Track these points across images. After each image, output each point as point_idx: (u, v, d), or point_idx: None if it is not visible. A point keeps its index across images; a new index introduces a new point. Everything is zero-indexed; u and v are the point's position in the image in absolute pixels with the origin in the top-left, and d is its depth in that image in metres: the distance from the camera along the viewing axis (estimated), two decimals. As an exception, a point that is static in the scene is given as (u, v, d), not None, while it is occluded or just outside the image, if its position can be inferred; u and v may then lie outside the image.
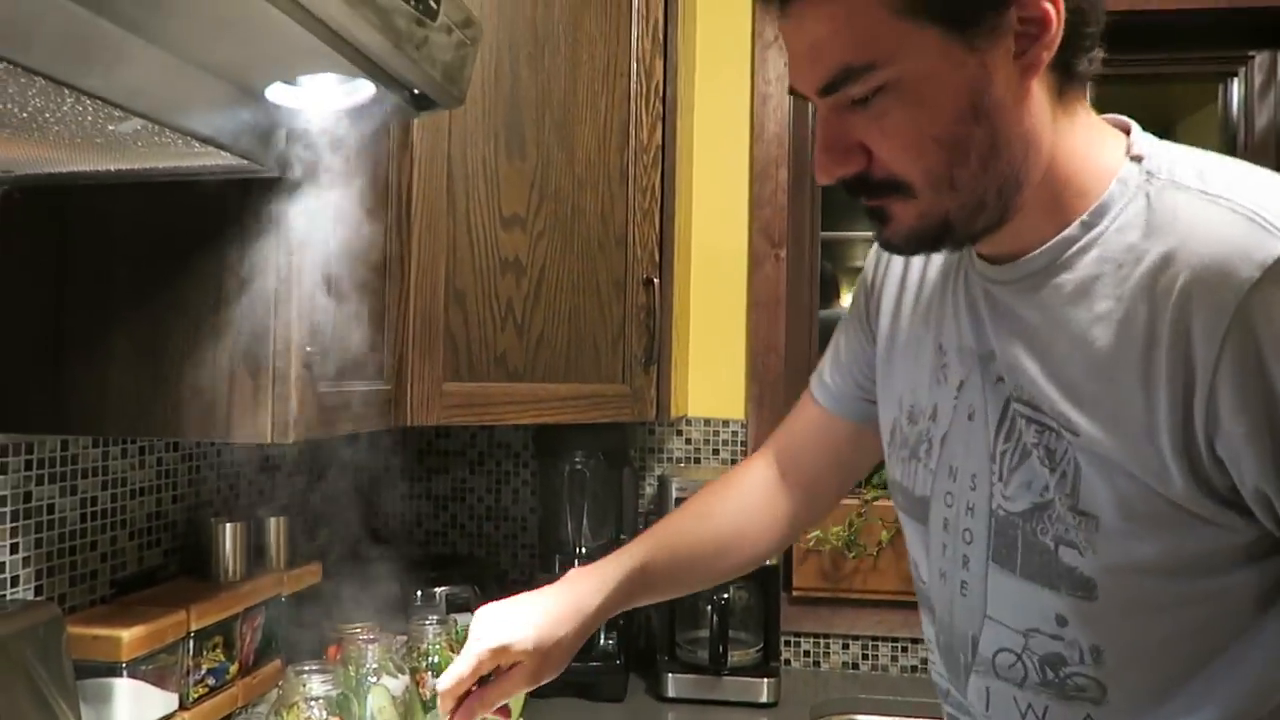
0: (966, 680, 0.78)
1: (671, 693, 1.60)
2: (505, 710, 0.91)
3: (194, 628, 1.14)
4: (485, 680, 0.88)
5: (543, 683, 0.89)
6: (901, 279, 0.88)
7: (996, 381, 0.74)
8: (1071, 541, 0.68)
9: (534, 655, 0.86)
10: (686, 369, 1.78)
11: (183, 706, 1.14)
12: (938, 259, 0.83)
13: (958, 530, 0.77)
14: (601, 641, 1.60)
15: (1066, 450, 0.68)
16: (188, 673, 1.15)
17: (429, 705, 1.34)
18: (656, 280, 1.50)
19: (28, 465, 1.04)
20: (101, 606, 1.15)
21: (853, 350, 0.96)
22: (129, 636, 1.04)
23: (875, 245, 0.92)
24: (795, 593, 1.77)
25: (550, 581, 1.63)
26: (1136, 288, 0.65)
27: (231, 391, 0.95)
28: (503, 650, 0.86)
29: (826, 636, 1.79)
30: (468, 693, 0.87)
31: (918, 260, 0.86)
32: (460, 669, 0.86)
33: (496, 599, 1.50)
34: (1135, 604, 0.68)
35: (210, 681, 1.19)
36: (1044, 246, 0.70)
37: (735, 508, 1.02)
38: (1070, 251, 0.69)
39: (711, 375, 1.83)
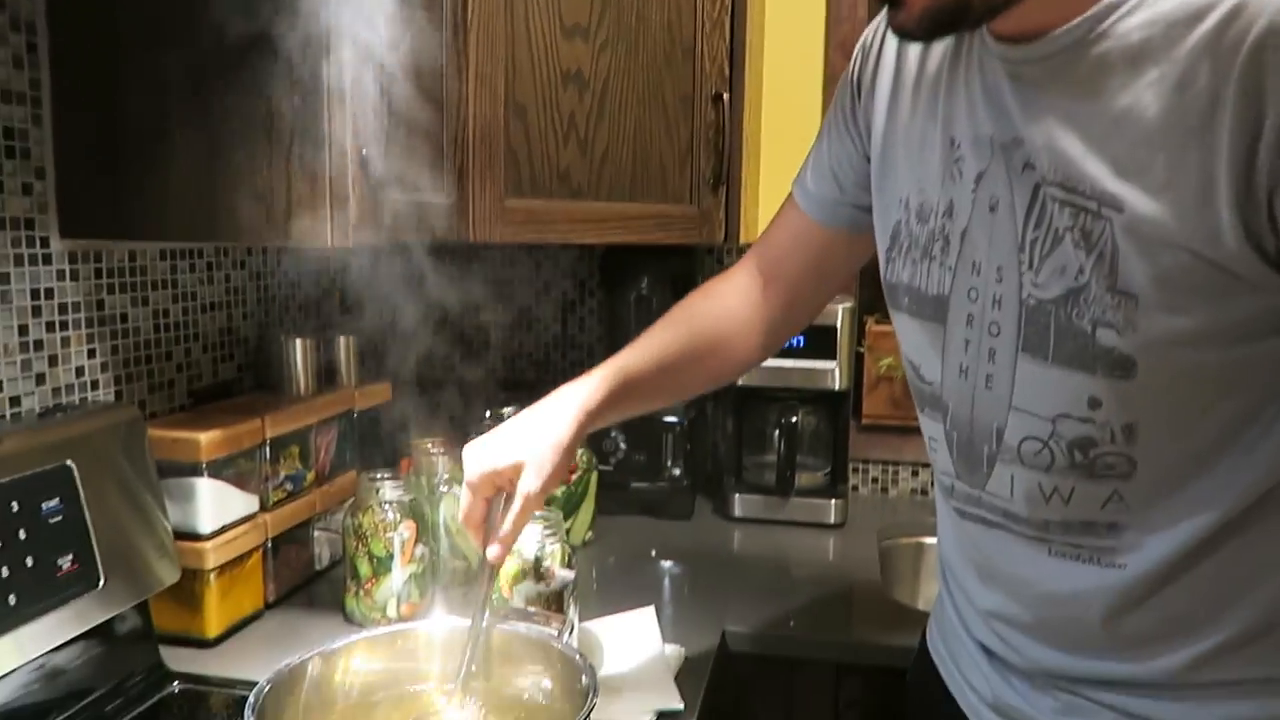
0: (989, 471, 0.78)
1: (739, 512, 1.61)
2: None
3: (269, 435, 1.17)
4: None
5: (551, 491, 0.87)
6: (895, 75, 0.83)
7: (1024, 169, 0.70)
8: (1109, 322, 0.66)
9: (528, 471, 0.85)
10: (756, 192, 1.72)
11: (263, 508, 1.18)
12: (936, 51, 0.79)
13: (983, 325, 0.75)
14: (669, 464, 1.61)
15: (1105, 230, 0.65)
16: (266, 478, 1.19)
17: (500, 517, 1.37)
18: (726, 96, 1.42)
19: (97, 274, 1.06)
20: (181, 414, 1.18)
21: (837, 153, 0.93)
22: (206, 439, 1.07)
23: (861, 42, 0.90)
24: (865, 420, 1.75)
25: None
26: (1197, 46, 0.61)
27: (290, 193, 0.93)
28: (493, 474, 0.86)
29: (896, 464, 1.78)
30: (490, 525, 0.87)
31: (913, 53, 0.81)
32: (463, 504, 0.87)
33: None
34: (1174, 377, 0.67)
35: (288, 487, 1.23)
36: (1080, 17, 0.65)
37: (715, 316, 1.02)
38: (1112, 19, 0.64)
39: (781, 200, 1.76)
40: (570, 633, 1.00)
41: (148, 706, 0.98)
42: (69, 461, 0.91)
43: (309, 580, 1.28)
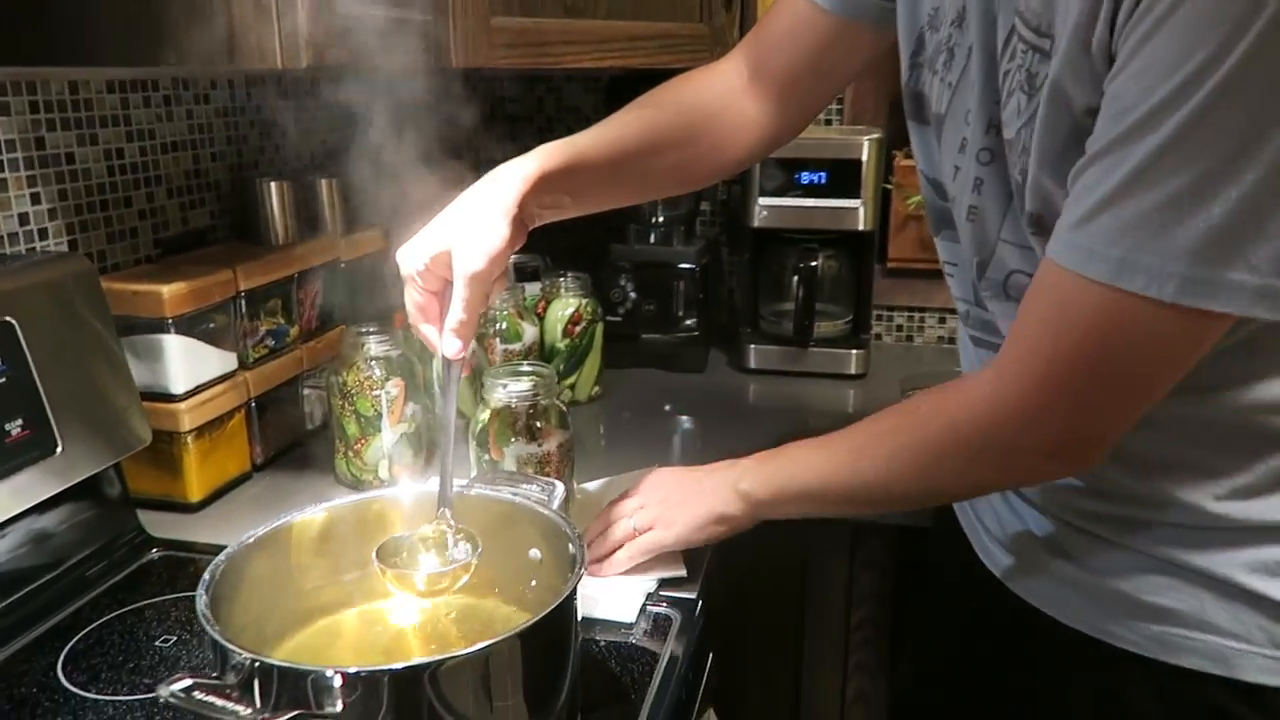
0: (993, 297, 0.74)
1: (754, 364, 1.53)
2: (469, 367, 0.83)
3: (243, 288, 1.08)
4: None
5: (498, 268, 0.76)
6: None
7: None
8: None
9: (464, 247, 0.74)
10: (776, 12, 1.55)
11: (243, 366, 1.10)
12: None
13: (973, 151, 0.70)
14: (681, 314, 1.52)
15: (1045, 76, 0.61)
16: (244, 334, 1.10)
17: (499, 372, 1.29)
18: (741, -107, 1.25)
19: (33, 107, 0.94)
20: (146, 265, 1.09)
21: None
22: (170, 292, 0.98)
23: None
24: (890, 264, 1.63)
25: (623, 247, 1.54)
26: None
27: (230, 7, 0.81)
28: (429, 264, 0.75)
29: (922, 310, 1.67)
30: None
31: None
32: (406, 303, 0.78)
33: (568, 270, 1.42)
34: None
35: (270, 343, 1.14)
36: None
37: (692, 104, 0.90)
38: None
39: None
40: (567, 497, 0.93)
41: (127, 573, 0.93)
42: (9, 318, 0.82)
43: (300, 441, 1.21)
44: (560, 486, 0.81)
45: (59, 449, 0.85)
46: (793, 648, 1.18)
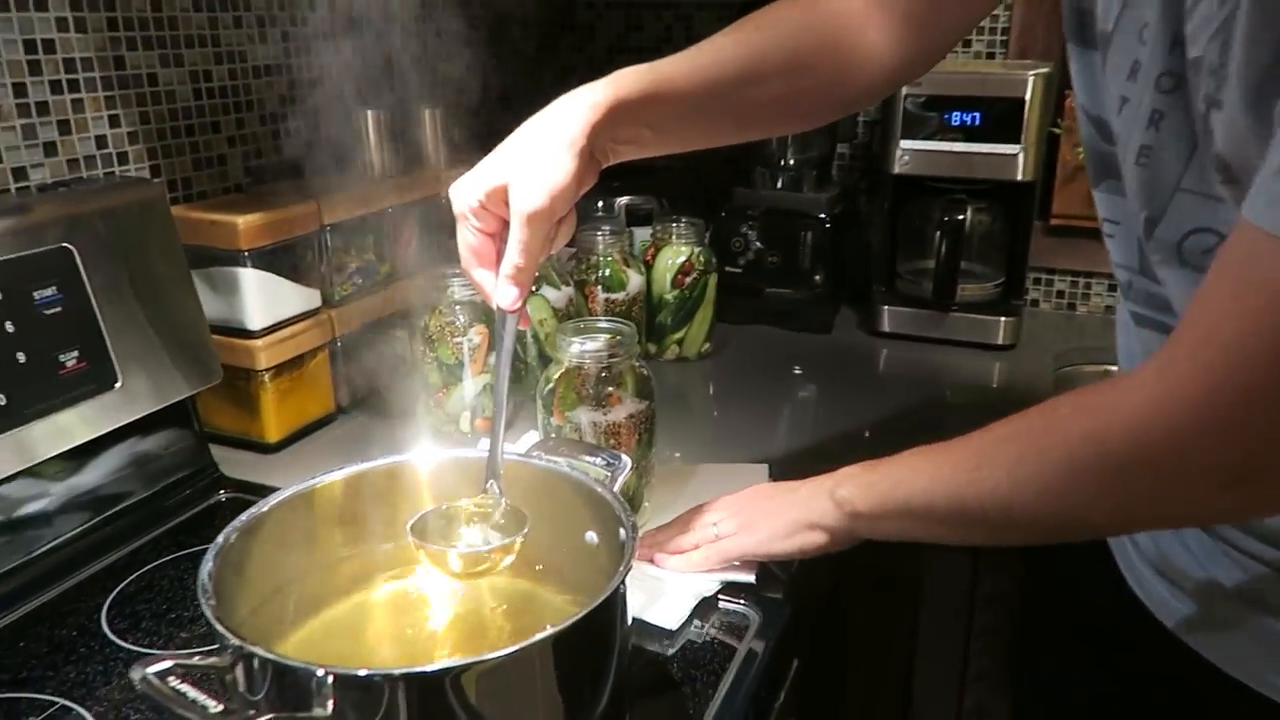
0: (1162, 263, 0.59)
1: (887, 327, 1.38)
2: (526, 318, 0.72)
3: (328, 221, 1.03)
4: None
5: (561, 208, 0.65)
6: None
7: None
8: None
9: (521, 183, 0.63)
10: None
11: (328, 304, 1.05)
12: None
13: (1149, 77, 0.55)
14: (809, 267, 1.38)
15: None
16: (331, 270, 1.05)
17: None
18: None
19: (111, 24, 0.90)
20: (235, 194, 1.05)
21: None
22: (245, 223, 0.93)
23: None
24: (1054, 221, 1.44)
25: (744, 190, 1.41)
26: None
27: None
28: (484, 201, 0.65)
29: (1089, 275, 1.47)
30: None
31: None
32: (459, 240, 0.68)
33: (682, 215, 1.31)
34: None
35: (358, 281, 1.09)
36: None
37: (802, 27, 0.74)
38: None
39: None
40: (641, 476, 0.83)
41: (192, 515, 0.90)
42: (68, 244, 0.79)
43: (390, 385, 1.16)
44: (627, 461, 0.72)
45: (119, 383, 0.82)
46: (903, 653, 1.05)
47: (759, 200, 1.39)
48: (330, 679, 0.48)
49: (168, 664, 0.51)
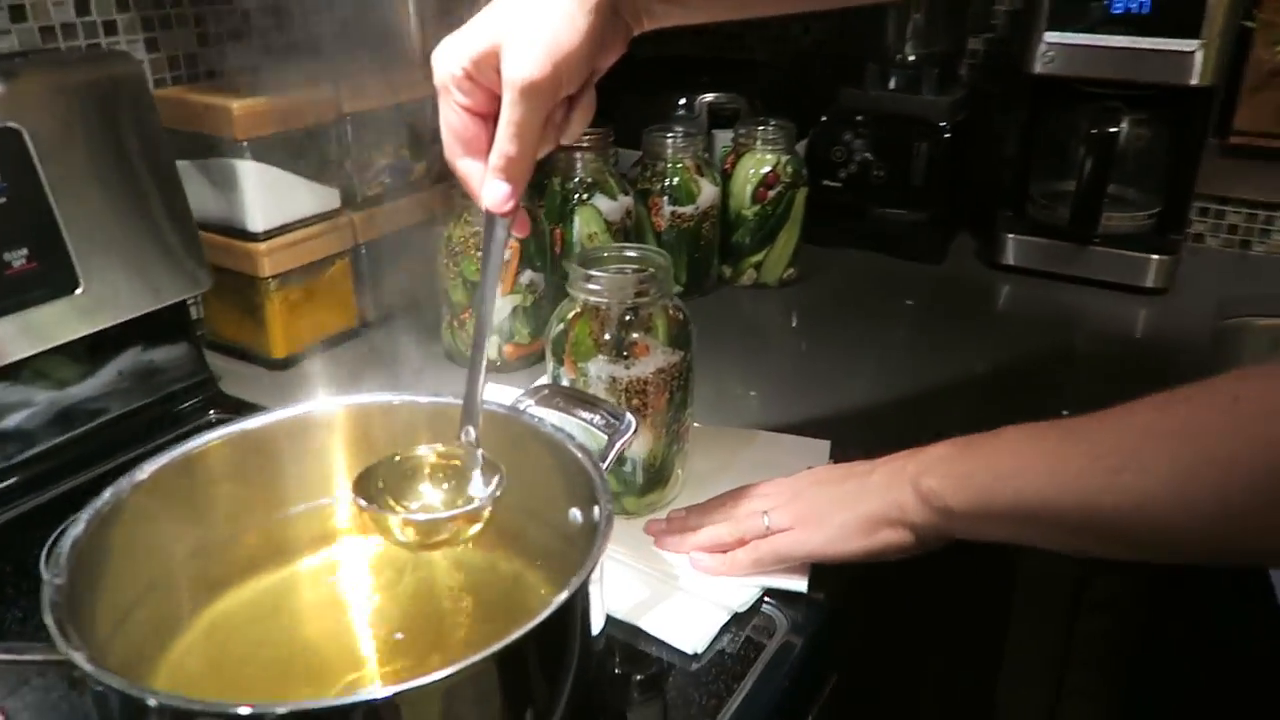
0: None
1: (1011, 259, 1.17)
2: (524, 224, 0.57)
3: (349, 110, 0.90)
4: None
5: (572, 83, 0.51)
6: None
7: None
8: None
9: (515, 45, 0.48)
10: None
11: (349, 205, 0.93)
12: None
13: None
14: (921, 184, 1.18)
15: None
16: (355, 168, 0.93)
17: (665, 236, 1.04)
18: None
19: None
20: (246, 76, 0.92)
21: None
22: (242, 109, 0.81)
23: None
24: (1234, 139, 1.17)
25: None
26: None
27: None
28: (470, 69, 0.50)
29: (1272, 208, 1.21)
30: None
31: None
32: (441, 120, 0.53)
33: (776, 117, 1.12)
34: None
35: (386, 180, 0.96)
36: None
37: None
38: None
39: None
40: (673, 443, 0.69)
41: (173, 437, 0.80)
42: (16, 124, 0.68)
43: (424, 300, 1.04)
44: (631, 423, 0.57)
45: (79, 288, 0.72)
46: (982, 659, 0.89)
47: (867, 102, 1.19)
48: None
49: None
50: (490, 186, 0.53)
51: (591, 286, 0.66)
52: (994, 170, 1.28)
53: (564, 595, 0.43)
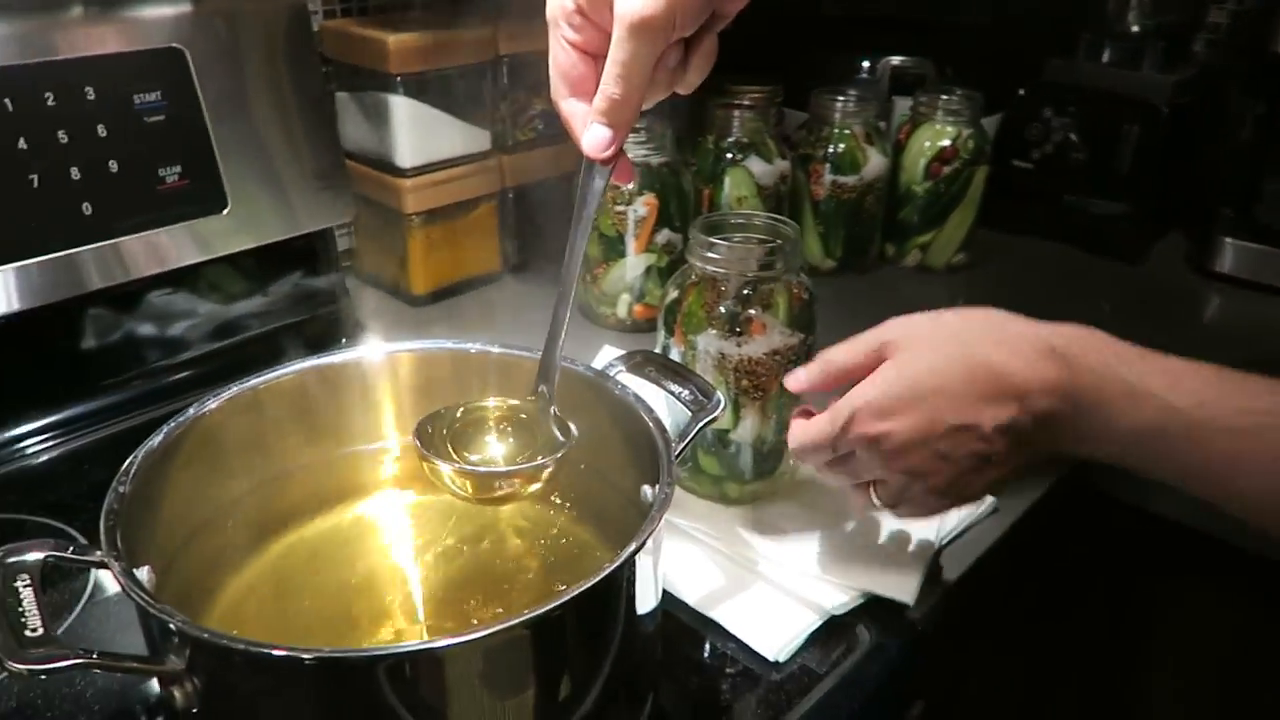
0: None
1: (1227, 267, 1.02)
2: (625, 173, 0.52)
3: (506, 51, 0.89)
4: None
5: (697, 13, 0.46)
6: None
7: None
8: None
9: None
10: None
11: (499, 148, 0.92)
12: None
13: None
14: (1127, 172, 1.05)
15: None
16: (509, 110, 0.92)
17: (823, 207, 0.98)
18: None
19: None
20: (413, 12, 0.93)
21: None
22: (396, 43, 0.81)
23: None
24: None
25: None
26: None
27: None
28: (585, 1, 0.46)
29: None
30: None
31: None
32: (550, 58, 0.49)
33: (961, 87, 1.02)
34: None
35: (539, 126, 0.95)
36: None
37: None
38: None
39: None
40: (782, 432, 0.64)
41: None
42: (178, 44, 0.71)
43: (564, 250, 1.03)
44: (719, 401, 0.53)
45: (227, 208, 0.75)
46: (1117, 694, 0.79)
47: (1075, 76, 1.06)
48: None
49: (38, 555, 0.42)
50: (591, 130, 0.49)
51: (710, 255, 0.62)
52: (1220, 163, 1.13)
53: (604, 572, 0.40)
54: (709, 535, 0.62)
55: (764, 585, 0.59)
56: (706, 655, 0.54)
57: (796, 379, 0.55)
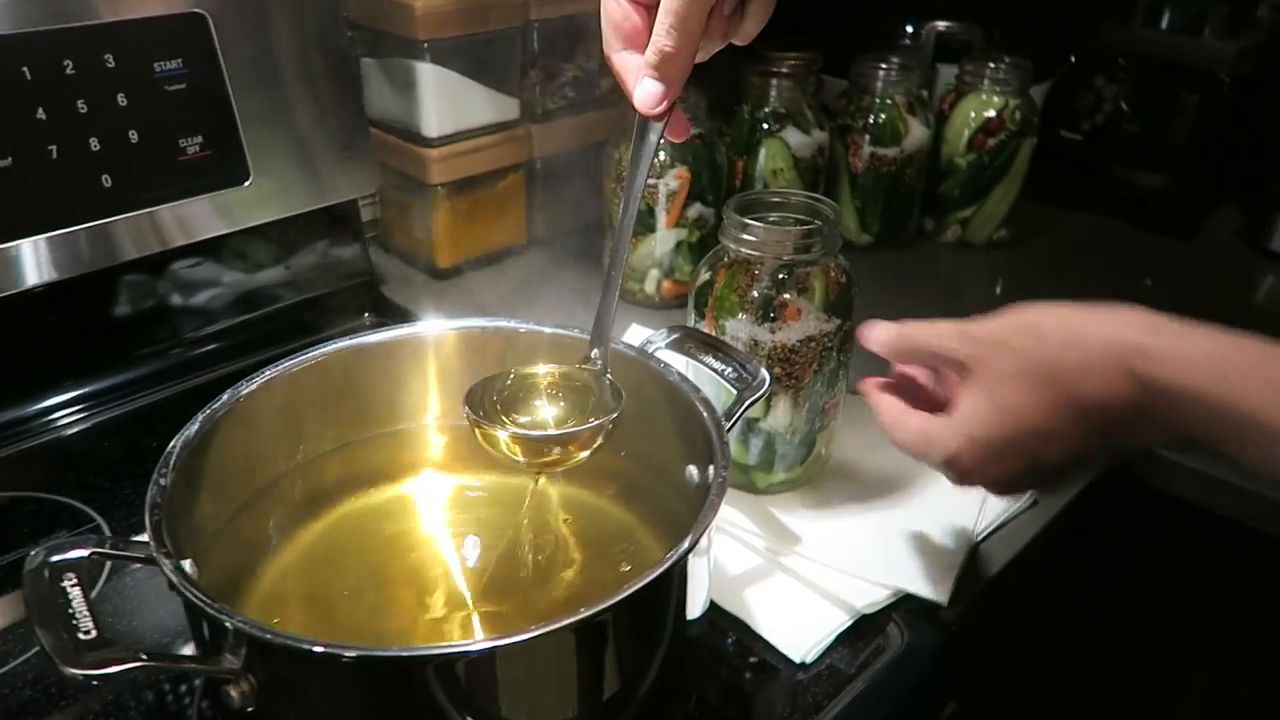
0: None
1: (1283, 246, 0.98)
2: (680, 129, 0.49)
3: (535, 17, 0.86)
4: None
5: (756, 6, 0.45)
6: None
7: None
8: None
9: None
10: None
11: (530, 117, 0.90)
12: None
13: None
14: (1181, 145, 1.00)
15: None
16: (539, 78, 0.89)
17: (861, 180, 0.95)
18: None
19: None
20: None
21: None
22: (424, 7, 0.79)
23: None
24: None
25: None
26: None
27: None
28: None
29: None
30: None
31: None
32: (603, 10, 0.47)
33: (1009, 54, 0.98)
34: None
35: (569, 94, 0.92)
36: None
37: None
38: None
39: None
40: (816, 420, 0.62)
41: (328, 335, 0.82)
42: (201, 10, 0.69)
43: (597, 222, 1.00)
44: (765, 379, 0.51)
45: (249, 180, 0.73)
46: (1160, 700, 0.77)
47: (1131, 43, 1.02)
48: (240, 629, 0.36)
49: (83, 552, 0.41)
50: (644, 85, 0.47)
51: (745, 236, 0.59)
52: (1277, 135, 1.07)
53: (657, 571, 0.39)
54: (735, 527, 0.61)
55: (791, 580, 0.57)
56: (730, 653, 0.53)
57: (875, 336, 0.52)
